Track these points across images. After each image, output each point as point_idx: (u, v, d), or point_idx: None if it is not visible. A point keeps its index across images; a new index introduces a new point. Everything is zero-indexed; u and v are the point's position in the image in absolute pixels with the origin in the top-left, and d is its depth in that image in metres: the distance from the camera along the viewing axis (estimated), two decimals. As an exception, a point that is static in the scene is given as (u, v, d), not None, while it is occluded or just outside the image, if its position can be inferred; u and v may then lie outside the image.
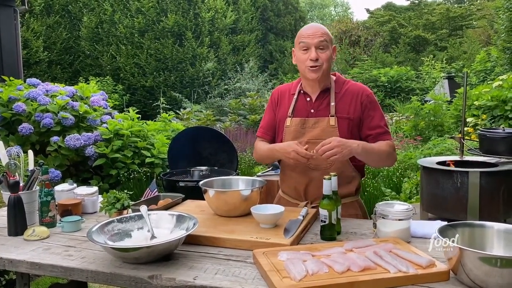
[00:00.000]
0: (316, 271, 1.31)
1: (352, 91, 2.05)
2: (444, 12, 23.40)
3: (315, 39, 1.95)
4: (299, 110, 2.06)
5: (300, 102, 2.08)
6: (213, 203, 1.93)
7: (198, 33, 14.71)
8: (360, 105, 2.01)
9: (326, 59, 1.97)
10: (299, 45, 1.99)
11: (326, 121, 2.00)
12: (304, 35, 1.98)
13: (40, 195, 1.87)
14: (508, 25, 10.69)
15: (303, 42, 1.97)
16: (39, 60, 13.92)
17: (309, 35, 1.96)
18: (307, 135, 2.02)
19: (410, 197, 4.26)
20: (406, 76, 14.60)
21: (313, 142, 1.98)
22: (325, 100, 2.04)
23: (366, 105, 2.02)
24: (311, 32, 1.97)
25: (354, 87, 2.06)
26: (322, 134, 1.98)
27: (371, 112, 2.02)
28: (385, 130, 2.03)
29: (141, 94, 14.28)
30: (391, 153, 1.99)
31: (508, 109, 6.01)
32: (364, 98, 2.02)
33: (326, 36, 1.97)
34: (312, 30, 1.97)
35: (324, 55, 1.97)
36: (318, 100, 2.04)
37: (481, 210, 2.29)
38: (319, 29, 1.98)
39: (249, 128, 8.61)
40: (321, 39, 1.95)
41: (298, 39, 2.02)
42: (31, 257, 1.57)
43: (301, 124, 2.03)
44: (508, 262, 1.19)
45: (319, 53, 1.96)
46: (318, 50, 1.96)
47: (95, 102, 4.73)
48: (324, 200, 1.66)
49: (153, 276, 1.39)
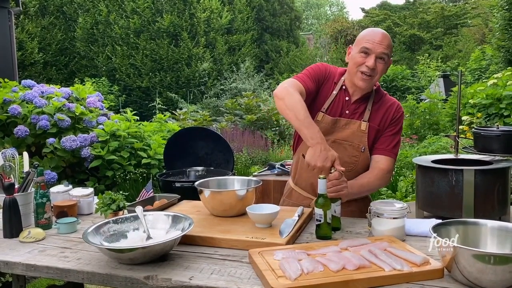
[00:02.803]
0: (311, 270, 1.32)
1: (388, 103, 2.03)
2: (439, 11, 23.47)
3: (379, 48, 1.87)
4: (335, 108, 2.01)
5: (339, 99, 2.02)
6: (208, 203, 1.93)
7: (194, 33, 14.70)
8: (390, 119, 2.01)
9: (380, 71, 1.92)
10: (361, 46, 1.90)
11: (358, 125, 1.98)
12: (370, 40, 1.89)
13: (36, 197, 1.87)
14: (502, 23, 10.73)
15: (366, 46, 1.88)
16: (34, 62, 13.88)
17: (375, 41, 1.88)
18: (335, 134, 2.00)
19: (406, 195, 4.28)
20: (402, 75, 14.63)
21: (339, 142, 1.99)
22: (362, 105, 2.01)
23: (393, 123, 2.01)
24: (378, 39, 1.88)
25: (390, 101, 2.05)
26: (351, 136, 1.98)
27: (393, 130, 2.01)
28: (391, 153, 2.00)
29: (137, 94, 14.26)
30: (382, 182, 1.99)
31: (503, 107, 6.03)
32: (395, 115, 2.02)
33: (389, 49, 1.91)
34: (380, 38, 1.88)
35: (381, 66, 1.91)
36: (356, 103, 2.01)
37: (476, 208, 2.30)
38: (386, 40, 1.90)
39: (245, 128, 8.62)
40: (385, 50, 1.88)
41: (362, 39, 1.92)
42: (27, 259, 1.57)
43: (332, 123, 1.99)
44: (501, 259, 1.20)
45: (378, 63, 1.89)
46: (378, 59, 1.89)
47: (91, 103, 4.72)
48: (319, 199, 1.66)
49: (149, 276, 1.39)
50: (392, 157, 2.00)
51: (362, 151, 1.99)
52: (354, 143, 1.98)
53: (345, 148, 1.99)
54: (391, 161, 1.99)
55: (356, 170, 1.98)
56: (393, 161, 2.00)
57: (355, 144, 1.98)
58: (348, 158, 1.99)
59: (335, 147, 1.96)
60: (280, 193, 2.38)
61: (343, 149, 1.99)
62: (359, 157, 1.99)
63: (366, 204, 1.81)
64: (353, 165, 1.99)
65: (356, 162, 1.99)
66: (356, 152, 1.99)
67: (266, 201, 3.46)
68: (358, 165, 1.99)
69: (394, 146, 2.01)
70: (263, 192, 3.99)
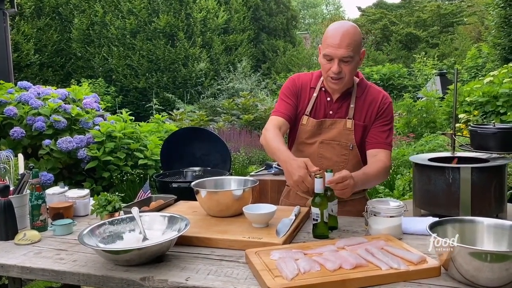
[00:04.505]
0: (308, 270, 1.31)
1: (372, 96, 2.00)
2: (435, 9, 23.49)
3: (339, 51, 1.82)
4: (318, 110, 2.01)
5: (320, 101, 2.01)
6: (205, 204, 1.93)
7: (190, 33, 14.67)
8: (376, 112, 1.98)
9: (349, 71, 1.87)
10: (324, 52, 1.87)
11: (343, 123, 1.97)
12: (330, 44, 1.83)
13: (31, 199, 1.86)
14: (498, 21, 10.75)
15: (327, 53, 1.84)
16: (30, 63, 13.82)
17: (335, 45, 1.82)
18: (322, 135, 2.00)
19: (403, 193, 4.28)
20: (399, 74, 14.66)
21: (327, 143, 1.99)
22: (345, 103, 1.99)
23: (381, 114, 1.98)
24: (337, 42, 1.81)
25: (374, 92, 2.02)
26: (338, 136, 1.98)
27: (382, 122, 1.98)
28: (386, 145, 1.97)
29: (133, 95, 14.22)
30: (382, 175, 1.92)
31: (499, 104, 6.04)
32: (382, 107, 1.98)
33: (352, 47, 1.82)
34: (339, 40, 1.81)
35: (348, 68, 1.86)
36: (338, 101, 1.99)
37: (473, 205, 2.30)
38: (346, 39, 1.81)
39: (243, 128, 8.61)
40: (346, 53, 1.81)
41: (324, 42, 1.88)
42: (22, 261, 1.56)
43: (318, 125, 1.99)
44: (498, 257, 1.20)
45: (343, 65, 1.85)
46: (342, 63, 1.84)
47: (88, 104, 4.71)
48: (316, 198, 1.66)
49: (145, 278, 1.38)
50: (388, 149, 1.97)
51: (351, 149, 1.99)
52: (342, 141, 1.98)
53: (333, 148, 1.99)
54: (388, 154, 1.96)
55: (348, 168, 1.97)
56: (389, 153, 1.98)
57: (343, 142, 1.98)
58: (338, 157, 1.99)
59: (323, 147, 1.97)
60: (277, 193, 2.39)
61: (331, 148, 1.99)
62: (348, 155, 1.99)
63: (363, 203, 1.80)
64: (343, 163, 1.98)
65: (346, 160, 2.00)
66: (344, 150, 1.99)
67: (264, 201, 3.45)
68: (348, 163, 1.99)
69: (387, 138, 1.97)
70: (260, 192, 3.99)
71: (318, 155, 2.00)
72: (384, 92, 2.07)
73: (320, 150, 2.00)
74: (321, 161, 1.96)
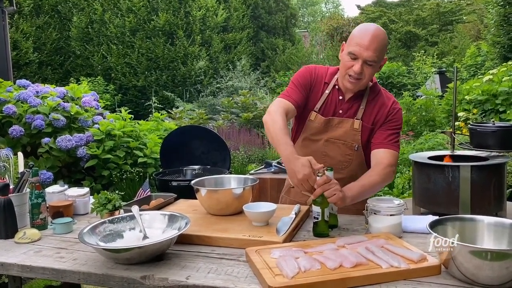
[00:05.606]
0: (308, 268, 1.32)
1: (383, 101, 1.98)
2: (435, 7, 23.50)
3: (366, 53, 1.79)
4: (328, 107, 1.99)
5: (331, 98, 1.99)
6: (205, 202, 1.93)
7: (190, 31, 14.64)
8: (385, 117, 1.96)
9: (369, 74, 1.85)
10: (349, 50, 1.83)
11: (351, 123, 1.96)
12: (359, 43, 1.80)
13: (31, 197, 1.86)
14: (497, 19, 10.76)
15: (353, 51, 1.81)
16: (29, 61, 13.78)
17: (363, 46, 1.79)
18: (328, 133, 1.98)
19: (402, 192, 4.29)
20: (398, 72, 14.62)
21: (332, 141, 1.98)
22: (356, 104, 1.97)
23: (390, 119, 1.96)
24: (366, 44, 1.79)
25: (385, 98, 2.00)
26: (344, 135, 1.97)
27: (390, 126, 1.95)
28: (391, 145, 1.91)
29: (132, 93, 14.20)
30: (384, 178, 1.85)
31: (498, 103, 6.04)
32: (391, 112, 1.96)
33: (378, 52, 1.80)
34: (368, 42, 1.78)
35: (369, 71, 1.84)
36: (350, 101, 1.97)
37: (473, 204, 2.30)
38: (375, 42, 1.79)
39: (242, 126, 8.60)
40: (371, 56, 1.79)
41: (352, 40, 1.84)
42: (22, 260, 1.56)
43: (325, 123, 1.97)
44: (498, 255, 1.20)
45: (365, 67, 1.83)
46: (365, 64, 1.82)
47: (87, 102, 4.70)
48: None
49: (146, 276, 1.38)
50: (393, 149, 1.90)
51: (356, 149, 1.97)
52: (347, 141, 1.97)
53: (338, 147, 1.98)
54: (392, 154, 1.89)
55: (351, 168, 1.98)
56: (394, 154, 1.90)
57: (348, 142, 1.97)
58: (342, 157, 1.99)
59: (328, 146, 1.96)
60: (277, 191, 2.38)
61: (336, 147, 1.98)
62: (353, 155, 1.99)
63: (363, 202, 1.79)
64: (347, 163, 1.99)
65: (350, 160, 1.99)
66: (349, 150, 1.98)
67: (263, 199, 3.44)
68: (352, 163, 1.98)
69: (392, 139, 1.93)
70: (260, 190, 3.99)
71: (322, 153, 1.99)
72: (395, 99, 2.05)
73: (325, 148, 1.99)
74: (325, 159, 1.95)
